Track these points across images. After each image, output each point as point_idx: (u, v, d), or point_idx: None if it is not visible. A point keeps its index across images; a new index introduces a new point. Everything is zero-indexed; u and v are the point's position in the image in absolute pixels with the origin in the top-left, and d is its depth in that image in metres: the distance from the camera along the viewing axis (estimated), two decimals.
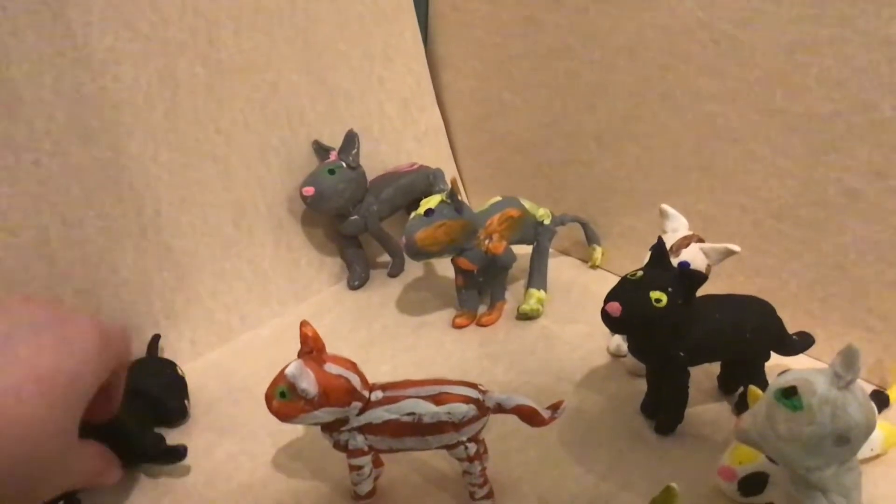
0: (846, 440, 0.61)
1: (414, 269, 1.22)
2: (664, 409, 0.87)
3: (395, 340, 1.06)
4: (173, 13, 1.00)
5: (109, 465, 0.77)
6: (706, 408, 0.90)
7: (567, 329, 1.06)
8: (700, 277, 0.79)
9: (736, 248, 0.87)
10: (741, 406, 0.87)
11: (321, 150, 1.15)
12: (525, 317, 1.08)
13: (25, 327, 0.62)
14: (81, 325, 0.66)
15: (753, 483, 0.73)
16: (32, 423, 0.59)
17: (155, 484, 0.85)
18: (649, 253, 0.81)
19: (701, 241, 0.90)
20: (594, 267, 1.18)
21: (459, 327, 1.08)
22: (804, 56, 0.91)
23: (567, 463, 0.85)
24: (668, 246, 0.83)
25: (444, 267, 1.15)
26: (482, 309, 1.10)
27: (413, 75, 1.29)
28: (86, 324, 0.67)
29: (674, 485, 0.63)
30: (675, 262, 0.86)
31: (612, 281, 0.81)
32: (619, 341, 0.99)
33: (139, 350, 0.94)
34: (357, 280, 1.19)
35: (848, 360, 0.61)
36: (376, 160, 1.21)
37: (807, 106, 0.92)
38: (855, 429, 0.61)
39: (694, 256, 0.88)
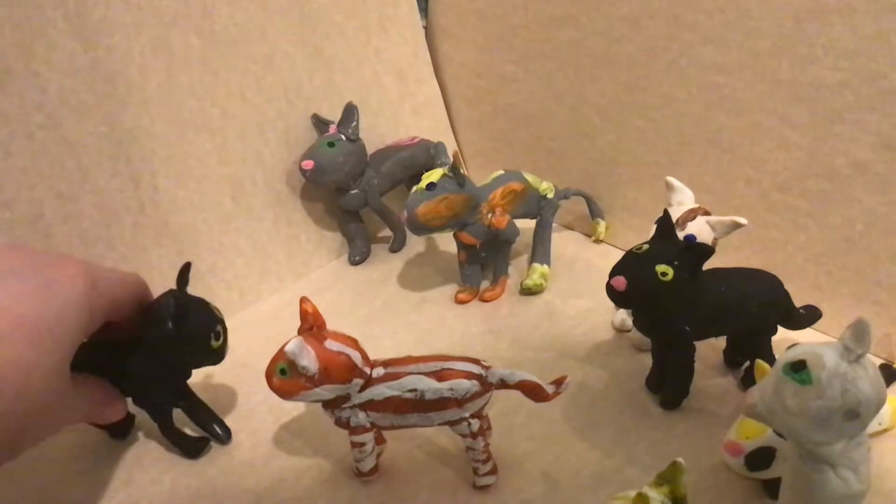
0: (856, 415, 0.60)
1: (415, 244, 1.21)
2: (669, 383, 0.87)
3: (396, 316, 1.05)
4: None
5: (111, 400, 0.79)
6: (712, 382, 0.89)
7: (571, 304, 1.05)
8: (706, 251, 0.78)
9: (742, 220, 0.86)
10: (747, 381, 0.86)
11: (320, 123, 1.13)
12: (528, 292, 1.07)
13: (8, 275, 0.64)
14: (67, 270, 0.67)
15: (760, 458, 0.72)
16: (18, 366, 0.61)
17: (155, 460, 0.85)
18: (654, 226, 0.80)
19: (707, 213, 0.89)
20: (598, 241, 1.17)
21: (462, 303, 1.07)
22: (811, 25, 0.89)
23: (571, 439, 0.84)
24: (673, 219, 0.82)
25: (446, 242, 1.14)
26: (485, 284, 1.09)
27: (409, 46, 1.27)
28: (72, 268, 0.68)
29: (680, 460, 0.62)
30: (680, 235, 0.85)
31: (616, 255, 0.80)
32: (623, 316, 0.98)
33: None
34: (358, 255, 1.18)
35: (858, 334, 0.60)
36: (375, 133, 1.19)
37: (814, 76, 0.91)
38: (865, 403, 0.60)
39: (700, 229, 0.87)
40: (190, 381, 0.86)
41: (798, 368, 0.61)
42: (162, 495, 0.81)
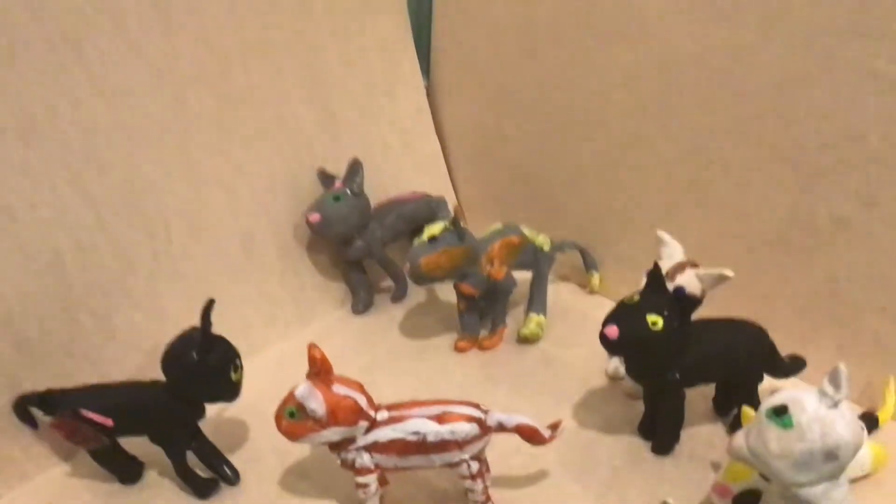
0: (835, 457, 0.63)
1: (416, 294, 1.25)
2: (660, 429, 0.90)
3: (398, 363, 1.09)
4: (185, 47, 1.03)
5: None
6: (701, 428, 0.92)
7: (566, 352, 1.08)
8: (694, 301, 0.82)
9: (729, 273, 0.89)
10: (735, 426, 0.88)
11: (326, 178, 1.17)
12: (525, 340, 1.11)
13: None
14: None
15: (747, 500, 0.75)
16: None
17: (167, 500, 0.88)
18: (645, 278, 0.83)
19: (695, 266, 0.92)
20: (592, 292, 1.21)
21: (461, 351, 1.10)
22: (794, 90, 0.94)
23: (566, 481, 0.87)
24: (663, 271, 0.85)
25: (446, 292, 1.18)
26: (483, 333, 1.13)
27: (412, 105, 1.32)
28: None
29: (671, 500, 0.65)
30: (670, 287, 0.88)
31: (609, 306, 0.84)
32: (616, 364, 1.01)
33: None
34: (361, 305, 1.21)
35: (835, 380, 0.64)
36: (378, 188, 1.23)
37: (797, 137, 0.95)
38: (843, 446, 0.63)
39: (689, 281, 0.90)
40: (200, 425, 0.89)
41: (780, 412, 0.64)
42: None
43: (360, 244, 1.17)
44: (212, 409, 0.91)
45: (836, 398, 0.64)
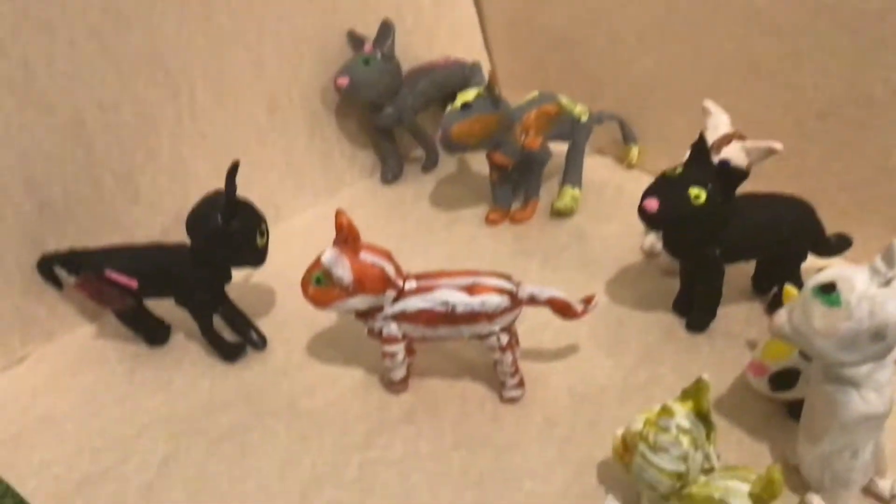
0: (882, 336, 0.61)
1: (447, 164, 1.21)
2: (697, 306, 0.88)
3: (427, 235, 1.07)
4: None
5: None
6: (738, 307, 0.90)
7: (601, 228, 1.05)
8: (740, 174, 0.78)
9: (778, 146, 0.85)
10: (774, 306, 0.86)
11: (355, 40, 1.12)
12: (559, 214, 1.08)
13: None
14: None
15: (785, 378, 0.73)
16: None
17: (194, 364, 0.88)
18: (688, 151, 0.80)
19: (742, 139, 0.88)
20: (630, 167, 1.17)
21: (493, 223, 1.08)
22: None
23: (597, 357, 0.86)
24: (708, 143, 0.81)
25: (478, 163, 1.14)
26: (516, 205, 1.10)
27: None
28: None
29: (705, 376, 0.63)
30: (715, 159, 0.85)
31: (647, 181, 0.81)
32: (652, 240, 0.98)
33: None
34: (390, 174, 1.18)
35: (890, 257, 0.61)
36: (410, 53, 1.18)
37: (857, 1, 0.88)
38: (892, 326, 0.60)
39: (735, 154, 0.86)
40: (227, 292, 0.88)
41: (828, 290, 0.61)
42: (200, 397, 0.84)
43: (391, 111, 1.13)
44: (238, 275, 0.90)
45: (888, 276, 0.61)
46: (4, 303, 0.89)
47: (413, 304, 0.77)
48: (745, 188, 0.82)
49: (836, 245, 0.87)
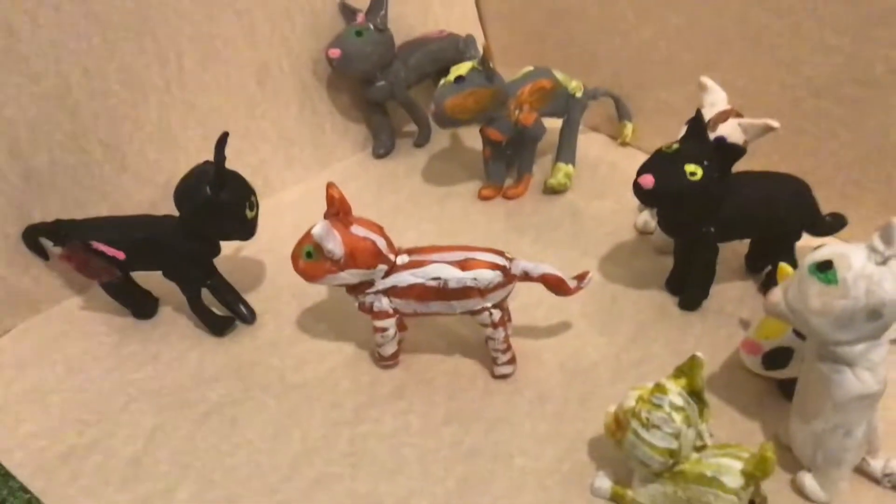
0: (879, 315, 0.60)
1: (440, 139, 1.20)
2: (690, 284, 0.87)
3: (419, 210, 1.06)
4: None
5: None
6: (732, 285, 0.90)
7: (594, 205, 1.04)
8: (737, 151, 0.77)
9: (775, 123, 0.84)
10: (768, 285, 0.86)
11: (348, 11, 1.10)
12: (552, 190, 1.07)
13: None
14: None
15: (778, 357, 0.73)
16: None
17: (182, 337, 0.87)
18: (684, 128, 0.79)
19: (739, 116, 0.87)
20: (624, 143, 1.15)
21: (485, 199, 1.07)
22: None
23: (590, 334, 0.85)
24: (705, 120, 0.81)
25: (471, 138, 1.13)
26: (509, 181, 1.09)
27: None
28: None
29: (699, 354, 0.63)
30: (711, 136, 0.84)
31: (642, 158, 0.80)
32: (646, 217, 0.97)
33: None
34: (382, 148, 1.17)
35: (888, 235, 0.60)
36: (403, 25, 1.16)
37: None
38: (889, 305, 0.60)
39: (731, 131, 0.86)
40: (216, 265, 0.87)
41: (824, 268, 0.61)
42: (188, 370, 0.83)
43: (383, 84, 1.12)
44: (228, 248, 0.89)
45: (886, 254, 0.60)
46: None
47: (405, 278, 0.76)
48: (740, 166, 0.81)
49: (832, 224, 0.86)
